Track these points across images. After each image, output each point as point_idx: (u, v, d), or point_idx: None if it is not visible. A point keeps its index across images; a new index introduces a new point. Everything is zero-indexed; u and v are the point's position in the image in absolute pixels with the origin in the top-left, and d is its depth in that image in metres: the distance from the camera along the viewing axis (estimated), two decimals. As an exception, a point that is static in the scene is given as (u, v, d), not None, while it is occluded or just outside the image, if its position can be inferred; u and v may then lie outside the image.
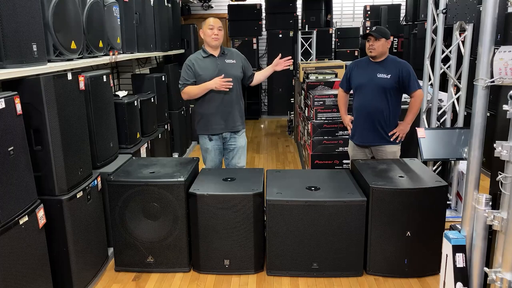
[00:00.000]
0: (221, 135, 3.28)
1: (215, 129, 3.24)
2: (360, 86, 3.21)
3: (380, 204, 2.60)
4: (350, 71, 3.32)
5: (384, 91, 3.10)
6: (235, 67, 3.23)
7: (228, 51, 3.28)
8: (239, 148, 3.34)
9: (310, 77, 4.76)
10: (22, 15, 2.05)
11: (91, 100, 2.78)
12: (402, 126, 3.18)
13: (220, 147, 3.33)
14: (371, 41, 3.10)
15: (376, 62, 3.16)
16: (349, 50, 7.78)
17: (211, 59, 3.18)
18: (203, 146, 3.35)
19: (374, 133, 3.19)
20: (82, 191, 2.49)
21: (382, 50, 3.10)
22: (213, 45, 3.15)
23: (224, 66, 3.18)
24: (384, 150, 3.22)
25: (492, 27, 1.76)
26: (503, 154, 1.66)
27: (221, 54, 3.21)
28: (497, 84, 1.74)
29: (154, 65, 5.74)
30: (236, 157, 3.35)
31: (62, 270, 2.38)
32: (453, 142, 3.42)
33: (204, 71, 3.15)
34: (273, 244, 2.68)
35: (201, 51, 3.24)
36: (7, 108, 1.89)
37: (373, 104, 3.15)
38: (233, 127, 3.27)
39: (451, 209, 3.66)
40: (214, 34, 3.11)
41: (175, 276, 2.76)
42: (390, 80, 3.08)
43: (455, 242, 1.91)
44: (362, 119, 3.23)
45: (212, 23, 3.13)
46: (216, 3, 8.34)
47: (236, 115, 3.26)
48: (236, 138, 3.32)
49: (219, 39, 3.14)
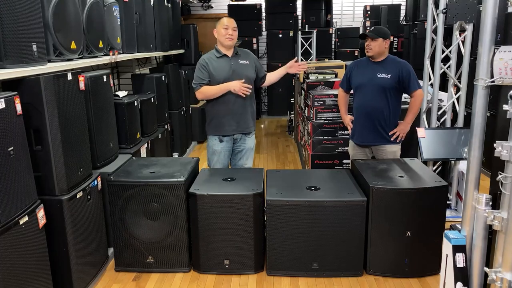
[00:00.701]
0: (232, 136, 3.25)
1: (227, 130, 3.20)
2: (360, 86, 3.22)
3: (380, 204, 2.60)
4: (350, 71, 3.33)
5: (384, 91, 3.10)
6: (248, 68, 3.22)
7: (241, 51, 3.25)
8: (247, 149, 3.32)
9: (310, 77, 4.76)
10: (22, 15, 2.05)
11: (91, 100, 2.77)
12: (402, 126, 3.18)
13: (230, 149, 3.29)
14: (368, 41, 3.11)
15: (376, 62, 3.16)
16: (349, 50, 7.78)
17: (225, 60, 3.15)
18: (212, 148, 3.27)
19: (374, 132, 3.20)
20: (82, 191, 2.49)
21: (379, 50, 3.10)
22: (227, 45, 3.12)
23: (238, 67, 3.16)
24: (384, 149, 3.23)
25: (492, 27, 1.76)
26: (503, 154, 1.66)
27: (235, 55, 3.18)
28: (497, 84, 1.74)
29: (154, 65, 5.74)
30: (244, 159, 3.33)
31: (62, 270, 2.37)
32: (453, 142, 3.42)
33: (218, 71, 3.11)
34: (273, 244, 2.68)
35: (214, 51, 3.19)
36: (7, 108, 1.89)
37: (373, 104, 3.15)
38: (245, 128, 3.24)
39: (451, 209, 3.66)
40: (229, 34, 3.08)
41: (175, 276, 2.76)
42: (390, 80, 3.09)
43: (455, 242, 1.91)
44: (362, 119, 3.23)
45: (226, 23, 3.09)
46: (216, 3, 8.34)
47: (249, 117, 3.25)
48: (246, 140, 3.30)
49: (233, 39, 3.11)
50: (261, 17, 7.94)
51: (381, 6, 7.51)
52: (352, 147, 3.41)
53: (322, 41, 7.49)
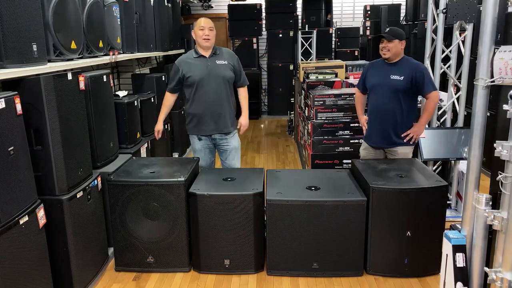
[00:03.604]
0: (210, 136, 3.28)
1: (205, 130, 3.24)
2: (374, 87, 3.18)
3: (380, 204, 2.60)
4: (365, 72, 3.30)
5: (396, 92, 3.05)
6: (225, 68, 3.20)
7: (220, 51, 3.24)
8: (232, 149, 3.32)
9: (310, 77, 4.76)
10: (22, 15, 2.05)
11: (91, 100, 2.77)
12: (416, 128, 3.13)
13: (210, 147, 3.33)
14: (384, 42, 3.05)
15: (390, 63, 3.11)
16: (349, 50, 7.77)
17: (202, 60, 3.17)
18: (192, 146, 3.36)
19: (387, 134, 3.15)
20: (82, 191, 2.49)
21: (395, 51, 3.04)
22: (204, 46, 3.13)
23: (214, 67, 3.16)
24: (397, 151, 3.18)
25: (492, 27, 1.76)
26: (503, 154, 1.66)
27: (212, 55, 3.18)
28: (497, 84, 1.74)
29: (154, 65, 5.74)
30: (230, 158, 3.34)
31: (62, 270, 2.37)
32: (453, 142, 3.42)
33: (194, 71, 3.14)
34: (273, 244, 2.68)
35: (193, 51, 3.23)
36: (7, 108, 1.89)
37: (386, 106, 3.11)
38: (223, 128, 3.25)
39: (451, 209, 3.66)
40: (205, 34, 3.08)
41: (175, 276, 2.76)
42: (403, 81, 3.03)
43: (455, 242, 1.91)
44: (376, 120, 3.19)
45: (203, 24, 3.10)
46: (216, 3, 8.34)
47: (226, 117, 3.23)
48: (228, 140, 3.30)
49: (210, 39, 3.11)
50: (261, 17, 7.93)
51: (381, 6, 7.50)
52: (365, 148, 3.36)
53: (322, 41, 7.49)
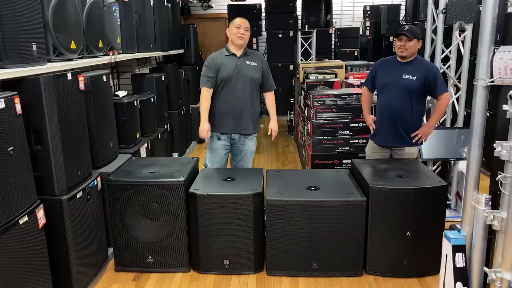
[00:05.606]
0: (230, 135, 3.26)
1: (225, 128, 3.23)
2: (385, 86, 3.14)
3: (380, 204, 2.60)
4: (376, 70, 3.24)
5: (408, 92, 3.02)
6: (254, 69, 3.22)
7: (251, 53, 3.27)
8: (247, 151, 3.32)
9: (310, 77, 4.76)
10: (22, 15, 2.04)
11: (91, 100, 2.77)
12: (425, 128, 3.10)
13: (227, 148, 3.31)
14: (403, 41, 2.99)
15: (403, 62, 3.07)
16: (349, 50, 7.76)
17: (232, 58, 3.19)
18: (210, 145, 3.32)
19: (396, 134, 3.12)
20: (82, 191, 2.49)
21: (413, 50, 3.01)
22: (238, 43, 3.16)
23: (244, 67, 3.18)
24: (403, 151, 3.17)
25: (492, 27, 1.76)
26: (503, 154, 1.66)
27: (243, 55, 3.21)
28: (497, 84, 1.75)
29: (154, 65, 5.74)
30: (244, 160, 3.33)
31: (61, 270, 2.37)
32: (453, 142, 3.42)
33: (223, 68, 3.16)
34: (273, 244, 2.68)
35: (224, 49, 3.24)
36: (7, 108, 1.89)
37: (396, 105, 3.07)
38: (244, 129, 3.24)
39: (451, 209, 3.66)
40: (240, 33, 3.12)
41: (175, 276, 2.76)
42: (415, 81, 3.00)
43: (455, 242, 1.91)
44: (385, 119, 3.15)
45: (239, 23, 3.15)
46: (216, 3, 8.34)
47: (248, 118, 3.24)
48: (246, 142, 3.30)
49: (244, 38, 3.15)
50: (261, 17, 7.94)
51: (381, 6, 7.50)
52: (371, 147, 3.33)
53: (322, 41, 7.48)
